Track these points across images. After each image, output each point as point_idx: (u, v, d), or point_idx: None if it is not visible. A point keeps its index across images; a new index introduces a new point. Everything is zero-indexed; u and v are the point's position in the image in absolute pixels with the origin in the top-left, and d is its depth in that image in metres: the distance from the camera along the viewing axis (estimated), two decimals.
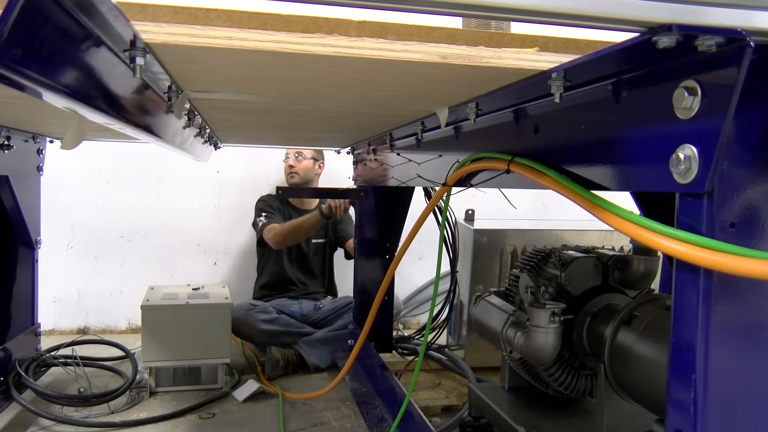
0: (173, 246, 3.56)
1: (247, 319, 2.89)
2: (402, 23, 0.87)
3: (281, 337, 2.87)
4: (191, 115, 1.47)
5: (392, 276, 2.10)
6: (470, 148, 1.40)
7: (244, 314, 2.90)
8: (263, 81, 1.09)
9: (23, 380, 2.24)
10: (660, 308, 1.29)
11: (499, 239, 2.71)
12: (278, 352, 2.75)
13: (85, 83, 0.73)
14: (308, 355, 2.80)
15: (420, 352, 1.68)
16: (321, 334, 2.93)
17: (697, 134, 0.69)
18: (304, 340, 2.86)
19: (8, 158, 2.18)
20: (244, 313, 2.90)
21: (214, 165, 3.52)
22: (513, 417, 1.66)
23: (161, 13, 0.79)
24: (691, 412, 0.71)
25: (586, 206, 0.88)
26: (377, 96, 1.26)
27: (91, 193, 3.45)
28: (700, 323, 0.70)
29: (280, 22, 0.83)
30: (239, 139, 2.59)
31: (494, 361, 2.59)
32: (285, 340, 2.86)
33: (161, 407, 2.32)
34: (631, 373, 1.28)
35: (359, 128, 1.97)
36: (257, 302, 3.09)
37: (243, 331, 2.92)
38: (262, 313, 2.94)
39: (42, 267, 2.69)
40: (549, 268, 1.62)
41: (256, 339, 2.92)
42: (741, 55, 0.64)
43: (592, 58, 0.80)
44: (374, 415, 2.12)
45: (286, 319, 2.99)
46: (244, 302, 3.06)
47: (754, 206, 0.71)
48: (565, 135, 1.01)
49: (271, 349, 2.76)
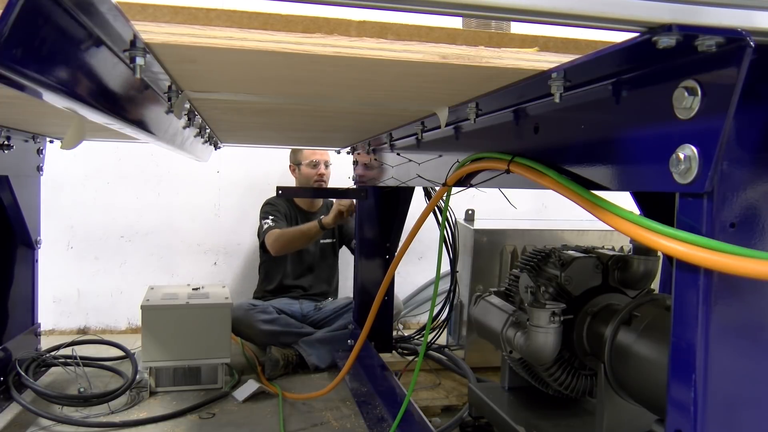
0: (173, 246, 3.56)
1: (248, 319, 2.89)
2: (402, 23, 0.87)
3: (281, 337, 2.87)
4: (191, 115, 1.47)
5: (392, 276, 2.10)
6: (470, 148, 1.40)
7: (244, 314, 2.90)
8: (263, 81, 1.09)
9: (23, 380, 2.24)
10: (660, 308, 1.29)
11: (499, 239, 2.71)
12: (278, 352, 2.75)
13: (85, 83, 0.73)
14: (308, 355, 2.80)
15: (420, 352, 1.68)
16: (321, 334, 2.93)
17: (697, 134, 0.69)
18: (304, 340, 2.86)
19: (8, 158, 2.18)
20: (244, 313, 2.90)
21: (214, 165, 3.52)
22: (513, 417, 1.65)
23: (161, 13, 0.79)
24: (691, 412, 0.71)
25: (586, 206, 0.88)
26: (377, 96, 1.26)
27: (91, 193, 3.45)
28: (700, 323, 0.70)
29: (280, 22, 0.83)
30: (239, 139, 2.60)
31: (494, 361, 2.59)
32: (285, 340, 2.86)
33: (161, 407, 2.31)
34: (631, 373, 1.28)
35: (359, 128, 1.97)
36: (257, 302, 3.08)
37: (243, 331, 2.92)
38: (263, 313, 2.94)
39: (42, 267, 2.69)
40: (549, 268, 1.62)
41: (256, 339, 2.92)
42: (741, 55, 0.63)
43: (592, 58, 0.80)
44: (374, 415, 2.12)
45: (286, 319, 2.99)
46: (244, 302, 3.05)
47: (754, 206, 0.71)
48: (565, 135, 1.01)
49: (271, 349, 2.76)
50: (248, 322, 2.88)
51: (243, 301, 3.07)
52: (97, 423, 2.15)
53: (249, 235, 3.61)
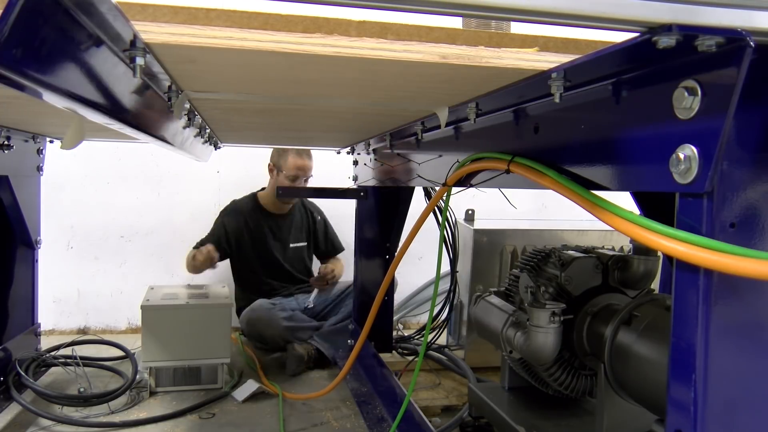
0: (173, 246, 3.56)
1: (270, 317, 2.88)
2: (402, 23, 0.87)
3: (298, 332, 2.87)
4: (191, 115, 1.47)
5: (392, 276, 2.10)
6: (470, 148, 1.40)
7: (266, 313, 2.89)
8: (263, 81, 1.09)
9: (23, 380, 2.24)
10: (660, 308, 1.29)
11: (499, 239, 2.71)
12: (301, 348, 2.76)
13: (85, 83, 0.73)
14: (326, 348, 2.81)
15: (420, 352, 1.68)
16: (331, 325, 2.94)
17: (697, 134, 0.69)
18: (317, 333, 2.87)
19: (8, 158, 2.18)
20: (266, 312, 2.90)
21: (214, 165, 3.52)
22: (513, 417, 1.66)
23: (161, 13, 0.79)
24: (691, 412, 0.71)
25: (586, 206, 0.88)
26: (377, 96, 1.26)
27: (91, 193, 3.45)
28: (700, 323, 0.70)
29: (280, 22, 0.83)
30: (239, 139, 2.59)
31: (494, 361, 2.59)
32: (301, 335, 2.87)
33: (161, 407, 2.31)
34: (631, 373, 1.28)
35: (359, 128, 1.97)
36: (275, 300, 3.07)
37: (262, 330, 2.91)
38: (282, 311, 2.94)
39: (42, 267, 2.69)
40: (549, 268, 1.62)
41: (277, 337, 2.89)
42: (741, 55, 0.63)
43: (592, 58, 0.80)
44: (374, 415, 2.12)
45: (299, 314, 3.00)
46: (263, 302, 3.02)
47: (754, 206, 0.71)
48: (565, 135, 1.01)
49: (293, 346, 2.76)
50: (270, 320, 2.87)
51: (261, 301, 3.04)
52: (97, 423, 2.15)
53: None
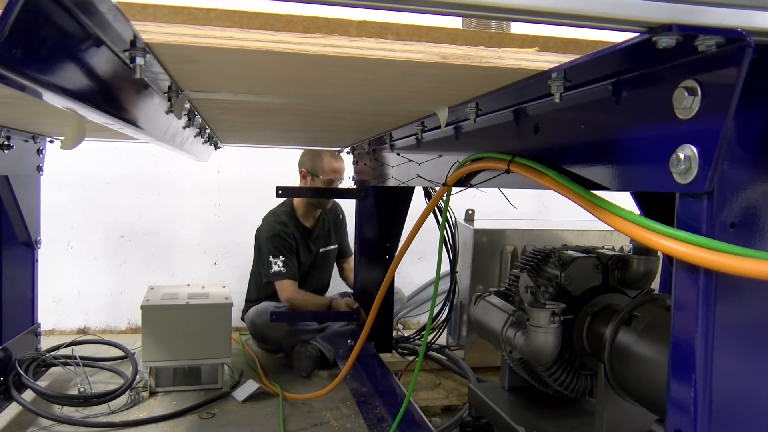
0: (173, 246, 3.56)
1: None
2: (402, 23, 0.87)
3: (302, 335, 2.88)
4: (191, 115, 1.47)
5: (392, 276, 2.10)
6: (470, 148, 1.40)
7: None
8: (263, 81, 1.09)
9: (23, 380, 2.24)
10: (660, 308, 1.29)
11: (499, 239, 2.71)
12: (310, 348, 2.77)
13: (85, 83, 0.73)
14: (328, 350, 2.82)
15: (420, 352, 1.68)
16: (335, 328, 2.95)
17: (697, 134, 0.69)
18: (321, 336, 2.88)
19: (8, 158, 2.18)
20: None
21: (214, 165, 3.52)
22: (513, 417, 1.66)
23: (161, 13, 0.79)
24: (691, 412, 0.71)
25: (586, 206, 0.88)
26: (377, 96, 1.26)
27: (91, 193, 3.45)
28: (700, 323, 0.70)
29: (280, 22, 0.83)
30: (239, 139, 2.60)
31: (494, 361, 2.59)
32: (305, 338, 2.87)
33: (161, 407, 2.31)
34: (631, 373, 1.28)
35: (359, 128, 1.97)
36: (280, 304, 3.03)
37: (268, 333, 2.92)
38: None
39: (42, 267, 2.69)
40: (549, 268, 1.62)
41: (283, 341, 2.90)
42: (741, 55, 0.63)
43: (592, 58, 0.80)
44: (374, 415, 2.12)
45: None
46: (269, 305, 2.99)
47: (754, 206, 0.71)
48: (565, 135, 1.01)
49: (304, 347, 2.77)
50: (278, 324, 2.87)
51: (267, 304, 3.02)
52: (97, 423, 2.15)
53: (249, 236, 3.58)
